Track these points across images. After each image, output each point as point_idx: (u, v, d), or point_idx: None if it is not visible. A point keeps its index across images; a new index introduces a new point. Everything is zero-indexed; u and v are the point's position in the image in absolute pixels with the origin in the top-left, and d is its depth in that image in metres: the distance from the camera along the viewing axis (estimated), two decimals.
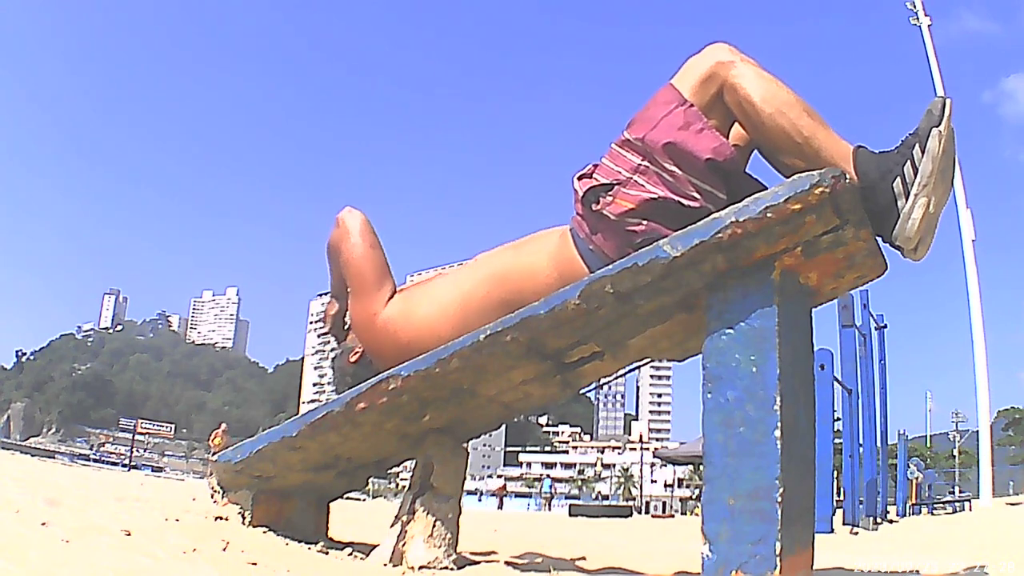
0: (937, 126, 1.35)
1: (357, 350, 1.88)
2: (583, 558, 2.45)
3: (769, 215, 1.26)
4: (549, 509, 29.63)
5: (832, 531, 5.88)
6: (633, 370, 1.78)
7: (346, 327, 1.99)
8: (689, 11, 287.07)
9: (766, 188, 1.35)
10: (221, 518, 1.87)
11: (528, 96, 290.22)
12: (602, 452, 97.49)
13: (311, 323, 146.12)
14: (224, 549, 1.55)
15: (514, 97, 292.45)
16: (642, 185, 1.49)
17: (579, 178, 1.59)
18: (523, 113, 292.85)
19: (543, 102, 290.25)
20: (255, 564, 1.47)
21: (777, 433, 1.23)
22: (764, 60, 1.48)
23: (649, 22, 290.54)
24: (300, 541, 1.81)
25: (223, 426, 16.01)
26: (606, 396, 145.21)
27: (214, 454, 4.75)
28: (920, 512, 13.61)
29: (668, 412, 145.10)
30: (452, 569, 1.70)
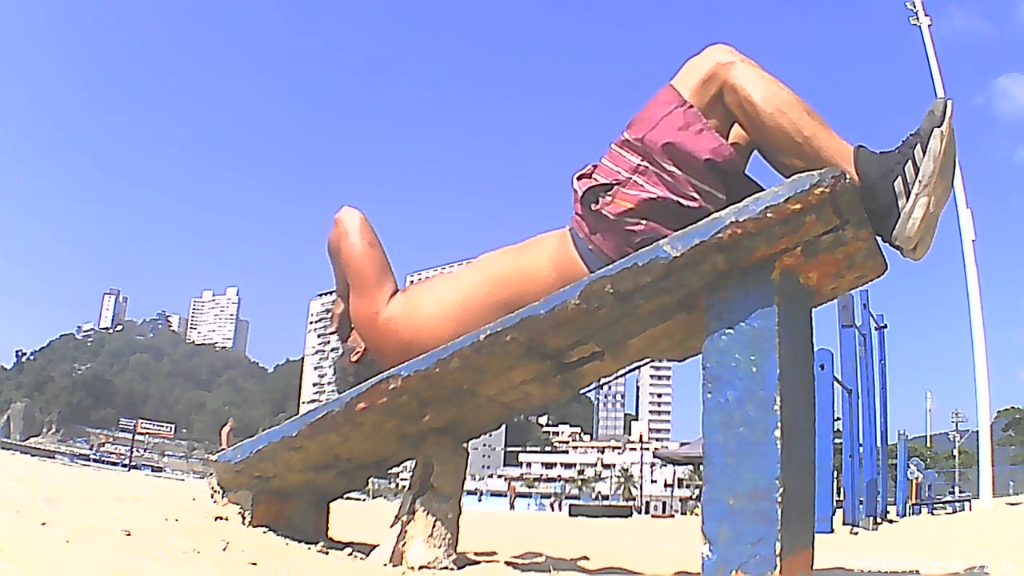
0: (939, 126, 1.36)
1: (359, 349, 1.88)
2: (583, 558, 2.45)
3: (769, 215, 1.26)
4: (560, 509, 29.77)
5: (832, 531, 5.89)
6: (633, 370, 1.78)
7: (351, 327, 1.99)
8: (689, 10, 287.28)
9: (764, 189, 1.35)
10: (221, 518, 1.87)
11: (529, 95, 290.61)
12: (602, 452, 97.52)
13: (311, 323, 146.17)
14: (224, 549, 1.55)
15: (515, 96, 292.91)
16: (641, 185, 1.49)
17: (578, 178, 1.59)
18: (524, 112, 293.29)
19: (544, 101, 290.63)
20: (255, 564, 1.47)
21: (777, 433, 1.23)
22: (763, 59, 1.48)
23: (649, 20, 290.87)
24: (300, 541, 1.81)
25: (231, 422, 16.12)
26: (606, 396, 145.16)
27: (220, 448, 4.79)
28: (920, 512, 13.61)
29: (668, 412, 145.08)
30: (452, 569, 1.70)
